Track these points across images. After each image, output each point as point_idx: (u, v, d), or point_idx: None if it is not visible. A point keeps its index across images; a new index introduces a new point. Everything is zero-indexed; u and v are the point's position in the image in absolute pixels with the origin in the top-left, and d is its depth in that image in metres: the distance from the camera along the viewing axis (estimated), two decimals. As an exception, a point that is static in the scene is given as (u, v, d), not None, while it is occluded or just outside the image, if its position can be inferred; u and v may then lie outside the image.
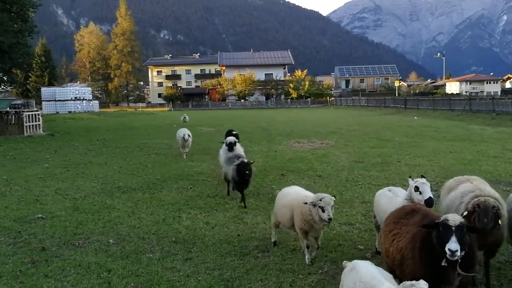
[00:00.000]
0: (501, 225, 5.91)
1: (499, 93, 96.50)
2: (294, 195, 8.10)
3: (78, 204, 12.08)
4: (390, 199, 7.56)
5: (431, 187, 6.75)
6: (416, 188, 6.68)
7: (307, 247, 7.72)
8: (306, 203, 7.20)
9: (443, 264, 4.69)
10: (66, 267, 7.64)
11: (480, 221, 5.71)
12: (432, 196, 6.51)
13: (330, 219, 6.95)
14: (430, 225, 4.87)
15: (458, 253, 4.53)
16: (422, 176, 7.02)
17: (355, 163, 17.82)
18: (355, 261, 4.87)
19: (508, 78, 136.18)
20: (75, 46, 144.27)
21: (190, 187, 14.03)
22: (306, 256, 7.71)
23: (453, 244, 4.52)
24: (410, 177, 7.08)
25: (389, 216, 6.09)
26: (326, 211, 6.98)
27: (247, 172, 11.11)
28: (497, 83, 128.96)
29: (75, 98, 73.87)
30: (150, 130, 37.02)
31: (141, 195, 13.02)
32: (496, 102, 42.14)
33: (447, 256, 4.57)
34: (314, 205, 7.09)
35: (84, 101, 75.67)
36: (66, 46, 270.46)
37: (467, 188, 6.78)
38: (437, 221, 4.83)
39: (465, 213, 5.82)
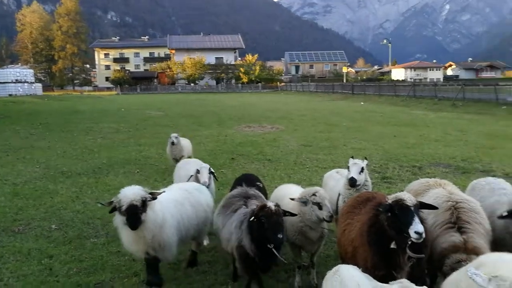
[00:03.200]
0: None
1: (441, 80, 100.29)
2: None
3: (18, 189, 11.61)
4: (337, 181, 7.70)
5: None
6: (348, 168, 6.78)
7: (299, 268, 6.25)
8: (292, 199, 5.92)
9: (392, 247, 4.48)
10: (5, 254, 7.35)
11: None
12: (354, 177, 6.43)
13: (331, 216, 5.69)
14: (385, 208, 4.49)
15: (424, 235, 4.24)
16: (365, 158, 7.15)
17: (304, 147, 18.07)
18: (339, 266, 4.45)
19: (450, 66, 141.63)
20: (16, 26, 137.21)
21: (138, 172, 13.79)
22: (296, 280, 6.25)
23: (419, 226, 4.22)
24: (352, 157, 7.00)
25: (344, 205, 5.95)
26: (324, 207, 5.68)
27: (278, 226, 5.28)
28: (439, 70, 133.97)
29: (16, 80, 70.46)
30: (97, 114, 35.99)
31: (86, 180, 12.67)
32: (438, 88, 43.79)
33: (413, 239, 4.24)
34: (305, 203, 5.79)
35: (25, 84, 72.28)
36: (6, 26, 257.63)
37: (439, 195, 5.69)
38: (391, 202, 4.47)
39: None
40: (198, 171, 7.87)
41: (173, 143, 13.23)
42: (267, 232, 5.07)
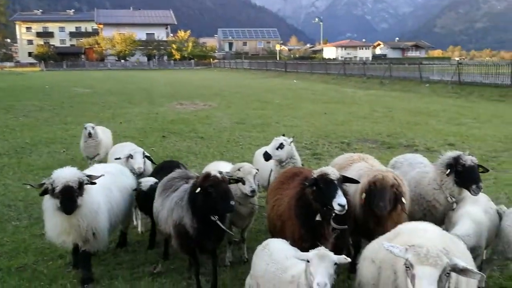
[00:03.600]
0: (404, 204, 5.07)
1: (370, 59, 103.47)
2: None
3: None
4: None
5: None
6: (281, 146, 6.81)
7: (229, 243, 6.26)
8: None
9: (317, 219, 4.60)
10: None
11: (376, 205, 4.91)
12: (268, 151, 6.62)
13: (253, 191, 5.66)
14: (310, 182, 4.57)
15: (346, 207, 4.38)
16: (293, 137, 7.29)
17: (237, 124, 18.08)
18: (268, 240, 4.60)
19: (378, 45, 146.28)
20: None
21: (63, 151, 13.22)
22: (227, 255, 6.28)
23: (342, 198, 4.35)
24: (283, 134, 7.11)
25: (272, 182, 6.02)
26: (247, 182, 5.69)
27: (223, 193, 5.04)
28: (368, 49, 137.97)
29: None
30: (19, 91, 33.97)
31: (7, 161, 11.98)
32: (367, 67, 45.17)
33: (337, 211, 4.36)
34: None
35: None
36: None
37: (361, 169, 5.88)
38: (315, 176, 4.57)
39: (363, 196, 5.15)
40: (131, 156, 7.34)
41: (90, 135, 10.52)
42: (217, 201, 4.84)
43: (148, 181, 6.40)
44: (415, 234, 3.64)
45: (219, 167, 5.97)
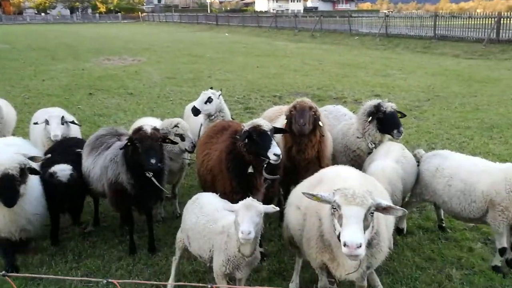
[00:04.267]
0: (322, 127, 5.43)
1: (301, 11, 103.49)
2: None
3: None
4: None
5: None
6: (210, 99, 6.80)
7: (161, 199, 6.27)
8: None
9: (249, 171, 4.65)
10: None
11: (297, 122, 5.20)
12: (196, 106, 6.54)
13: (194, 146, 5.77)
14: (243, 135, 4.60)
15: (281, 157, 4.49)
16: (221, 90, 7.25)
17: (168, 79, 17.68)
18: (199, 194, 4.63)
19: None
20: None
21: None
22: (159, 211, 6.37)
23: (276, 148, 4.44)
24: (211, 88, 7.05)
25: (201, 136, 5.93)
26: (187, 138, 5.74)
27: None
28: (300, 1, 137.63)
29: None
30: None
31: None
32: (298, 20, 45.16)
33: (273, 161, 4.44)
34: (167, 134, 5.66)
35: None
36: None
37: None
38: (248, 129, 4.60)
39: (285, 121, 5.37)
40: (47, 122, 6.45)
41: None
42: (141, 157, 4.72)
43: (64, 170, 5.14)
44: (338, 180, 3.80)
45: (147, 123, 5.83)
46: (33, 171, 4.61)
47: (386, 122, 5.79)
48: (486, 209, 4.89)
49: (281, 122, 5.53)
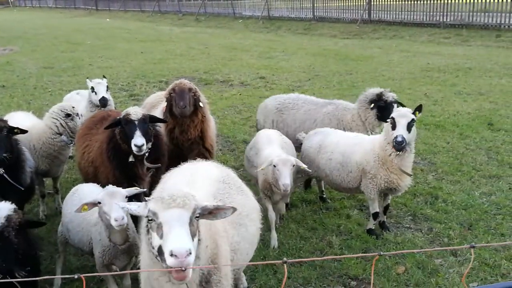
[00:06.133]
0: (203, 108, 5.51)
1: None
2: None
3: None
4: (78, 102, 7.45)
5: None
6: (92, 89, 6.67)
7: (42, 196, 6.16)
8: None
9: (130, 160, 4.61)
10: None
11: (177, 105, 5.22)
12: (106, 96, 6.51)
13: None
14: (113, 123, 4.59)
15: (145, 147, 4.44)
16: (104, 77, 7.03)
17: (44, 69, 16.61)
18: (78, 185, 4.57)
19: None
20: None
21: None
22: (41, 209, 6.11)
23: (138, 139, 4.38)
24: (88, 78, 6.86)
25: (80, 127, 5.73)
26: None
27: None
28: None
29: None
30: None
31: None
32: (182, 3, 44.51)
33: (134, 151, 4.43)
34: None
35: None
36: None
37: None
38: (118, 117, 4.59)
39: (164, 105, 5.46)
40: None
41: None
42: None
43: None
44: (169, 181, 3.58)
45: (15, 118, 5.47)
46: None
47: (386, 111, 5.91)
48: (360, 178, 5.34)
49: (160, 109, 5.53)
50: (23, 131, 4.98)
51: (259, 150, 5.44)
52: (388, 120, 5.01)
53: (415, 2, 24.77)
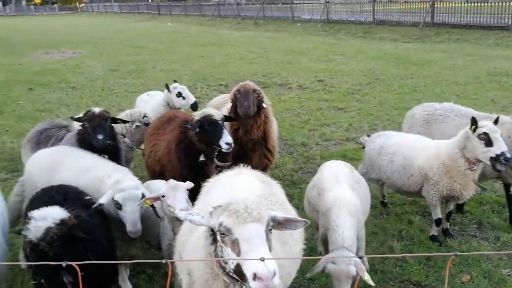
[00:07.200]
0: (266, 109, 5.56)
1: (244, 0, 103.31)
2: None
3: None
4: (147, 102, 7.86)
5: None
6: (179, 94, 7.07)
7: None
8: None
9: (201, 159, 4.82)
10: None
11: (241, 105, 5.31)
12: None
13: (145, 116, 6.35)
14: (195, 125, 4.72)
15: (233, 145, 4.68)
16: (175, 81, 7.33)
17: (110, 72, 17.36)
18: (149, 181, 4.85)
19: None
20: None
21: None
22: None
23: (228, 137, 4.62)
24: (175, 80, 7.22)
25: (148, 127, 6.03)
26: None
27: None
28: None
29: None
30: None
31: None
32: (241, 7, 45.13)
33: (225, 149, 4.64)
34: (134, 122, 6.28)
35: None
36: None
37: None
38: (199, 118, 4.74)
39: (229, 107, 5.60)
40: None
41: None
42: (90, 135, 4.90)
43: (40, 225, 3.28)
44: (233, 183, 3.39)
45: None
46: None
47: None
48: (422, 183, 5.24)
49: (225, 110, 5.67)
50: (124, 122, 5.58)
51: (323, 190, 4.42)
52: (480, 135, 4.65)
53: (482, 4, 23.84)
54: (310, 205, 4.63)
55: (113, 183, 4.04)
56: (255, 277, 2.09)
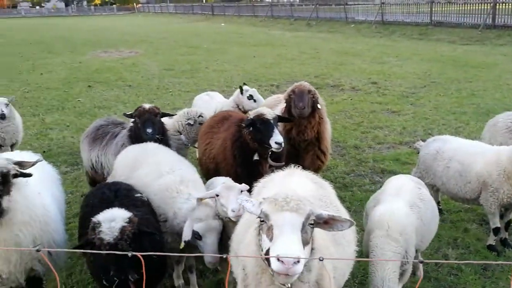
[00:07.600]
0: (320, 110, 5.53)
1: (297, 0, 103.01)
2: None
3: None
4: (206, 102, 8.02)
5: (235, 90, 7.36)
6: (251, 97, 7.23)
7: None
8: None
9: (255, 158, 4.84)
10: None
11: (296, 106, 5.29)
12: None
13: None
14: (247, 123, 4.76)
15: (283, 145, 4.66)
16: (244, 84, 7.54)
17: (165, 71, 17.77)
18: (214, 178, 4.85)
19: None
20: None
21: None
22: None
23: (279, 137, 4.61)
24: (245, 83, 7.56)
25: (202, 126, 6.13)
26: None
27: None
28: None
29: None
30: None
31: None
32: (294, 8, 45.12)
33: (274, 149, 4.62)
34: (191, 121, 6.39)
35: None
36: None
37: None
38: (252, 117, 4.78)
39: (283, 107, 5.58)
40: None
41: (3, 117, 7.15)
42: (140, 129, 5.18)
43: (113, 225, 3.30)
44: (284, 180, 3.44)
45: None
46: (23, 175, 3.42)
47: None
48: (480, 190, 5.06)
49: (279, 110, 5.68)
50: (170, 115, 5.95)
51: (378, 202, 4.26)
52: None
53: (548, 5, 22.73)
54: (366, 216, 4.46)
55: (187, 210, 3.95)
56: (278, 258, 2.15)
